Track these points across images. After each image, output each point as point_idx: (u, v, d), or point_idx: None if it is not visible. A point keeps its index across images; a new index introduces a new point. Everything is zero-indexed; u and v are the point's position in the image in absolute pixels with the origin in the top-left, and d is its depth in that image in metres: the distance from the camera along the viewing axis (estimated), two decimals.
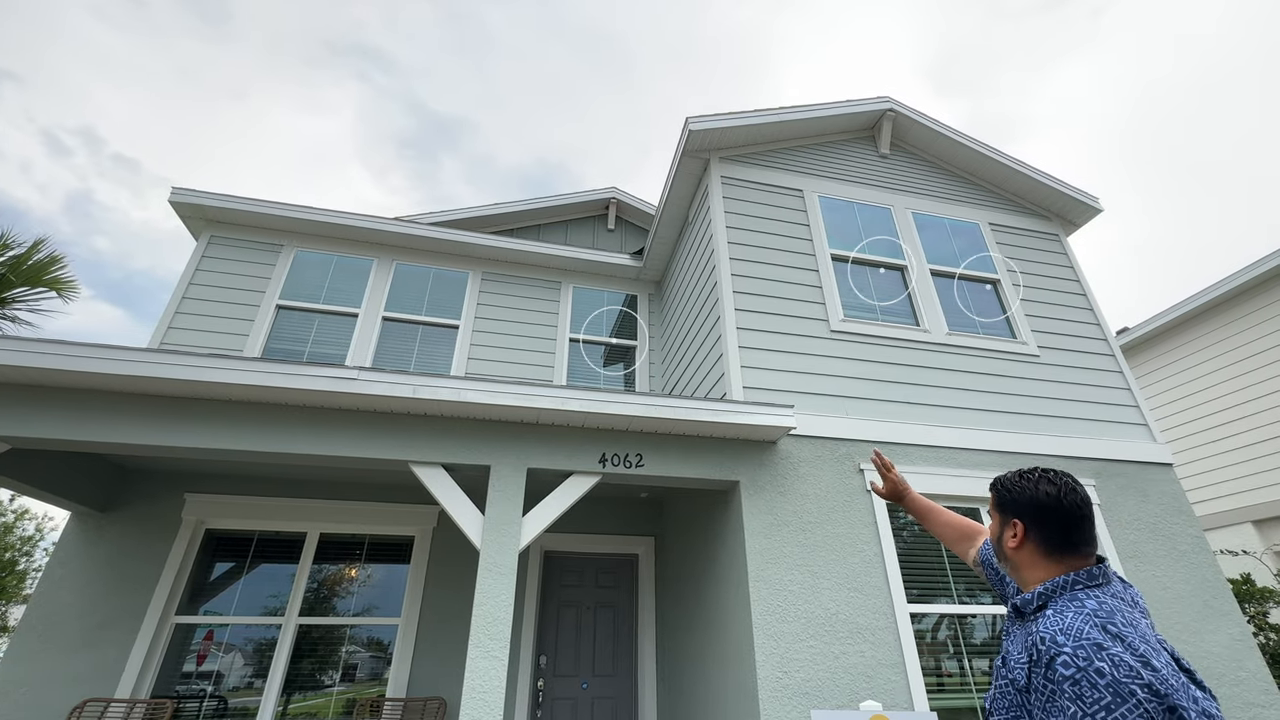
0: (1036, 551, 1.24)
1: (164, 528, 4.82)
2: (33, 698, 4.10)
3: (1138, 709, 0.93)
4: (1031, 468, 1.33)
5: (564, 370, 6.28)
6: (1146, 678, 0.96)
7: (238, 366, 3.34)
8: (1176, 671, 1.00)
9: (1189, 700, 0.95)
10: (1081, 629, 1.04)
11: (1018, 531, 1.27)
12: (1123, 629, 1.03)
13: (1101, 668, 0.98)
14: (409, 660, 4.75)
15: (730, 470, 3.96)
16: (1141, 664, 0.97)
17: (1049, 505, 1.24)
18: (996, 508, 1.34)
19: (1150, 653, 1.00)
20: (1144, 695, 0.94)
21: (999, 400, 4.84)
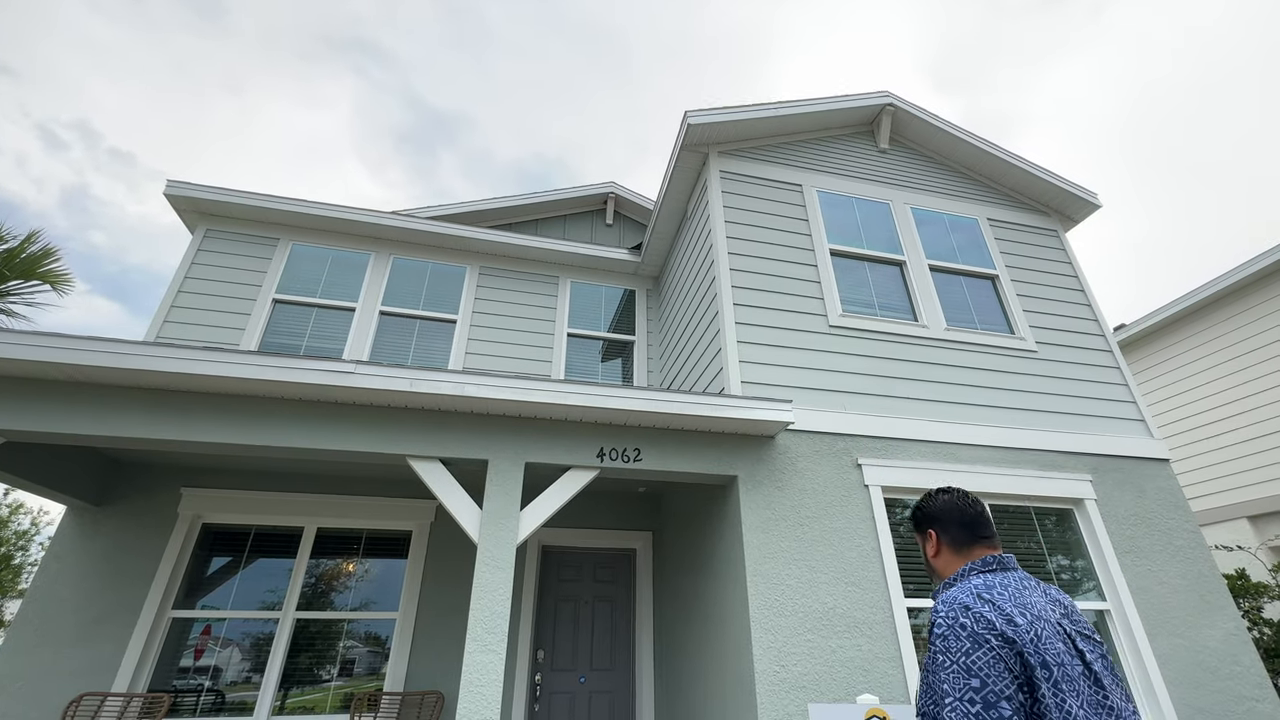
0: (948, 551, 1.48)
1: (160, 522, 4.80)
2: (29, 692, 4.09)
3: (991, 653, 1.14)
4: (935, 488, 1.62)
5: (562, 365, 6.27)
6: (1000, 627, 1.16)
7: (234, 360, 3.32)
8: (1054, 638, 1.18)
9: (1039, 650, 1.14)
10: (957, 598, 1.26)
11: (933, 539, 1.52)
12: (997, 596, 1.24)
13: (965, 623, 1.19)
14: (406, 654, 4.75)
15: (728, 465, 3.95)
16: (1004, 621, 1.18)
17: (949, 509, 1.52)
18: (915, 528, 1.60)
19: (1016, 613, 1.19)
20: (997, 643, 1.15)
21: (997, 395, 4.84)
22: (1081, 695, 1.14)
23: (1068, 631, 1.25)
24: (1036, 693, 1.12)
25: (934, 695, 1.18)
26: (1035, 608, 1.24)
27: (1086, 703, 1.13)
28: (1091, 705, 1.14)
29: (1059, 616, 1.27)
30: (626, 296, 7.01)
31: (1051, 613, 1.26)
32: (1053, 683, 1.12)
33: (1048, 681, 1.12)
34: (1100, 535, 4.39)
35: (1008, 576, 1.33)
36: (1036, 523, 4.50)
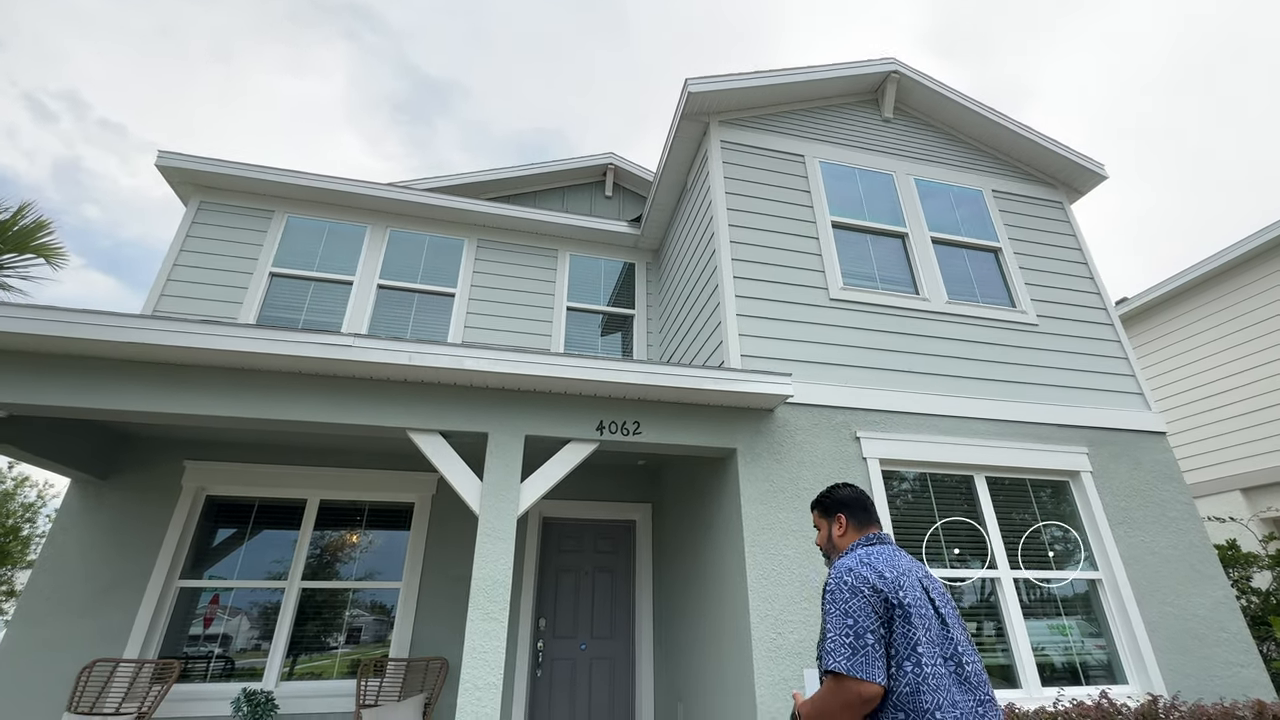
0: (852, 530, 1.89)
1: (164, 494, 4.85)
2: (44, 658, 4.18)
3: (863, 600, 1.53)
4: (833, 484, 2.05)
5: (561, 339, 6.26)
6: (873, 582, 1.56)
7: (232, 333, 3.31)
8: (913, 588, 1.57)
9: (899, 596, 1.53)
10: (844, 564, 1.65)
11: (842, 521, 1.91)
12: (874, 561, 1.63)
13: (845, 579, 1.58)
14: (411, 622, 4.85)
15: (727, 438, 3.98)
16: (876, 576, 1.57)
17: (856, 498, 1.95)
18: (824, 515, 1.98)
19: (886, 570, 1.59)
20: (868, 592, 1.54)
21: (996, 369, 4.84)
22: (930, 630, 1.54)
23: (924, 585, 1.63)
24: (893, 626, 1.52)
25: (823, 635, 1.57)
26: (901, 567, 1.63)
27: (933, 636, 1.53)
28: (935, 638, 1.53)
29: (920, 575, 1.65)
30: (626, 270, 6.96)
31: (914, 571, 1.65)
32: (905, 619, 1.52)
33: (902, 618, 1.52)
34: (1095, 507, 4.44)
35: (883, 548, 1.73)
36: (1032, 494, 4.54)
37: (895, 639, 1.50)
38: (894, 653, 1.48)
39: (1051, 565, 4.34)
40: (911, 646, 1.48)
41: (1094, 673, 4.08)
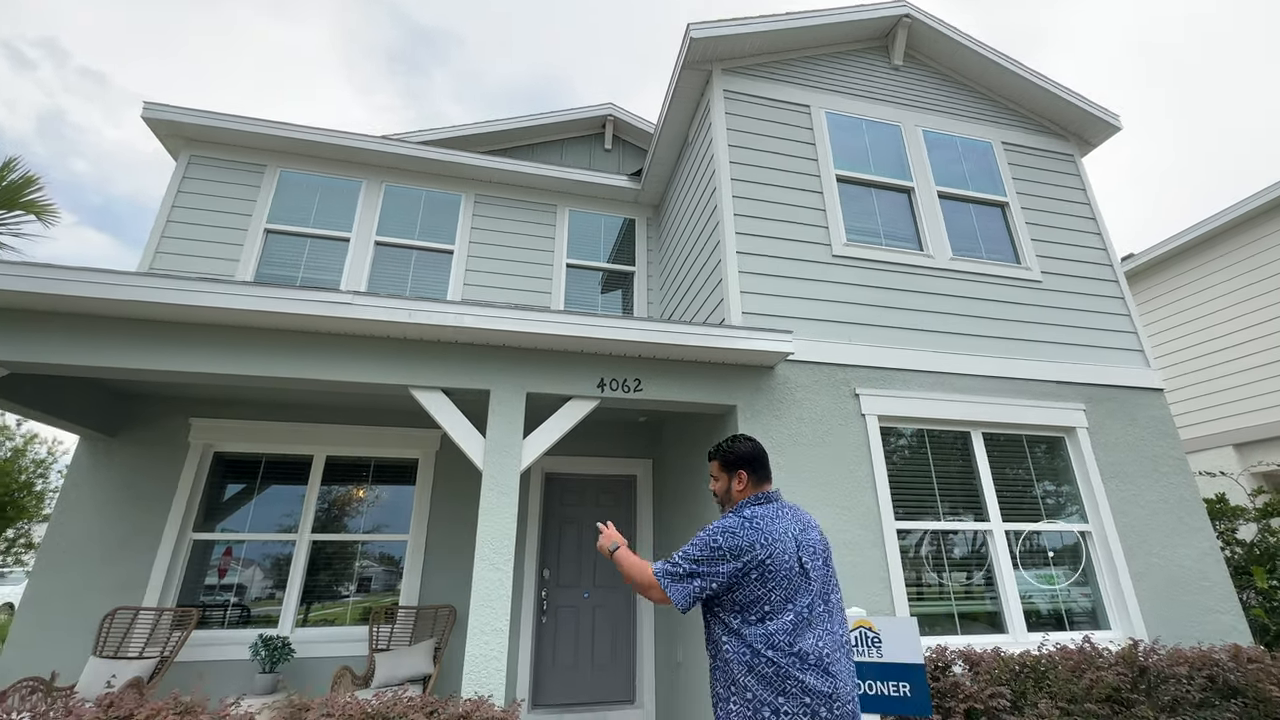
0: (749, 485, 1.99)
1: (172, 451, 4.93)
2: (66, 607, 4.34)
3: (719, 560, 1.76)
4: (733, 436, 2.11)
5: (561, 296, 6.22)
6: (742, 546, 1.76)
7: (229, 290, 3.29)
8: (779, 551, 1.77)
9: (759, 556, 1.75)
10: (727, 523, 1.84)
11: (743, 478, 1.99)
12: (755, 523, 1.82)
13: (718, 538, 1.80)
14: (419, 572, 5.01)
15: (727, 395, 4.00)
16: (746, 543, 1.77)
17: (757, 453, 2.03)
18: (724, 468, 2.04)
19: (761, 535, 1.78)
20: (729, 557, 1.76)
21: (998, 326, 4.83)
22: (788, 583, 1.75)
23: (798, 543, 1.83)
24: (747, 577, 1.74)
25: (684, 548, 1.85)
26: (778, 530, 1.82)
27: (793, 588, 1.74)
28: (797, 591, 1.74)
29: (796, 533, 1.85)
30: (626, 226, 6.85)
31: (790, 531, 1.84)
32: (762, 576, 1.74)
33: (759, 576, 1.74)
34: (1089, 462, 4.51)
35: (770, 508, 1.90)
36: (1027, 450, 4.61)
37: (747, 590, 1.74)
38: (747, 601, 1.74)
39: (1043, 518, 4.44)
40: (763, 598, 1.73)
41: (1079, 619, 4.23)
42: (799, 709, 1.61)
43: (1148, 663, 3.33)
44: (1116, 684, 3.11)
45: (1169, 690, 3.17)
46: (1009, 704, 2.91)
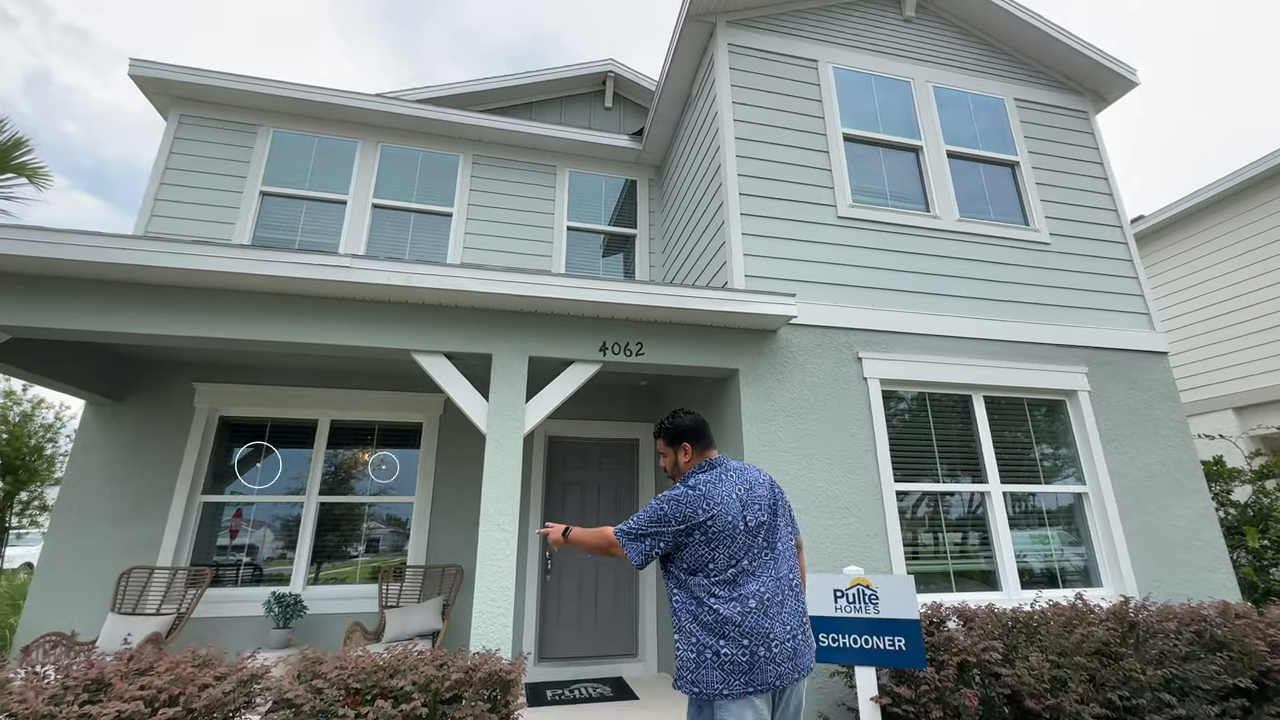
0: (694, 455, 2.12)
1: (178, 415, 4.97)
2: (82, 566, 4.45)
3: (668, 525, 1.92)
4: (673, 411, 2.24)
5: (562, 259, 6.15)
6: (686, 513, 1.90)
7: (226, 254, 3.25)
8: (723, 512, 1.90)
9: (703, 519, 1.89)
10: (674, 493, 1.98)
11: (687, 450, 2.12)
12: (699, 489, 1.96)
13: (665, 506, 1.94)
14: (426, 533, 5.11)
15: (730, 358, 4.00)
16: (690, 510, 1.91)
17: (698, 426, 2.16)
18: (669, 443, 2.17)
19: (704, 499, 1.92)
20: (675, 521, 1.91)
21: (1004, 289, 4.79)
22: (736, 542, 1.89)
23: (742, 503, 1.95)
24: (691, 536, 1.90)
25: (639, 513, 1.99)
26: (719, 493, 1.95)
27: (736, 545, 1.88)
28: (740, 547, 1.89)
29: (742, 493, 1.97)
30: (627, 187, 6.73)
31: (734, 493, 1.96)
32: (705, 536, 1.89)
33: (702, 535, 1.89)
34: (1088, 425, 4.53)
35: (714, 473, 2.03)
36: (1028, 413, 4.63)
37: (692, 550, 1.90)
38: (691, 558, 1.90)
39: (1040, 480, 4.49)
40: (708, 557, 1.88)
41: (1072, 578, 4.32)
42: (738, 650, 1.78)
43: (1138, 618, 3.41)
44: (1106, 638, 3.20)
45: (1157, 644, 3.26)
46: (1001, 657, 3.00)
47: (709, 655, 1.79)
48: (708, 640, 1.80)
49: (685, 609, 1.88)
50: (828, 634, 2.86)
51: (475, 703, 2.50)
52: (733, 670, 1.77)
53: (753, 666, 1.77)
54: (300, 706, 2.38)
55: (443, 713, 2.47)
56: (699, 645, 1.81)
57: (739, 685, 1.76)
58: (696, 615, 1.84)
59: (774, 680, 1.78)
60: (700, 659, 1.80)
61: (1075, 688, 2.95)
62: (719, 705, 1.78)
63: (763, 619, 1.82)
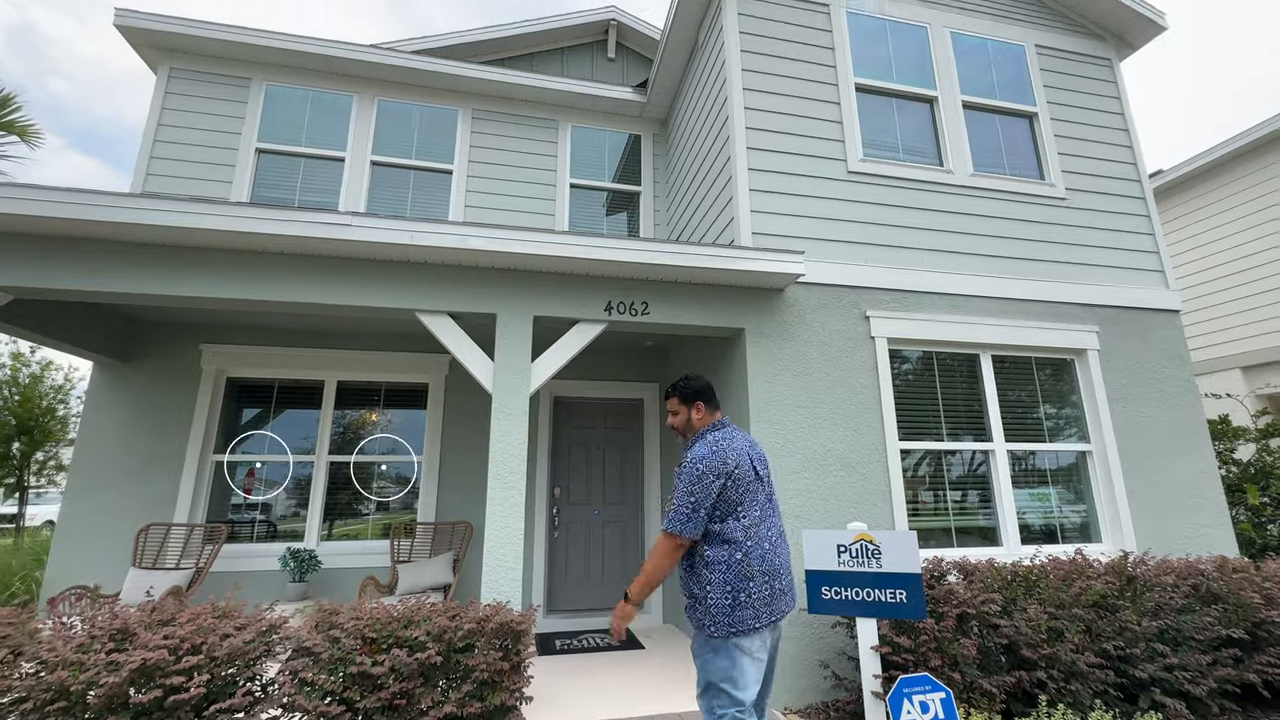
0: (705, 414, 2.33)
1: (186, 376, 4.99)
2: (101, 524, 4.56)
3: (708, 481, 2.08)
4: (684, 375, 2.45)
5: (565, 218, 6.05)
6: (718, 466, 2.10)
7: (225, 212, 3.20)
8: (742, 462, 2.15)
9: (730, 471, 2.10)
10: (699, 451, 2.17)
11: (701, 409, 2.33)
12: (721, 444, 2.16)
13: (698, 465, 2.11)
14: (435, 491, 5.20)
15: (736, 318, 3.96)
16: (720, 461, 2.11)
17: (707, 388, 2.37)
18: (683, 402, 2.36)
19: (729, 453, 2.14)
20: (712, 476, 2.09)
21: (1016, 246, 4.69)
22: (749, 489, 2.14)
23: (750, 457, 2.21)
24: (725, 489, 2.09)
25: (674, 492, 2.15)
26: (736, 447, 2.19)
27: (752, 494, 2.14)
28: (753, 495, 2.14)
29: (747, 449, 2.23)
30: (631, 142, 6.55)
31: (744, 448, 2.21)
32: (734, 485, 2.10)
33: (731, 485, 2.10)
34: (1096, 384, 4.51)
35: (726, 431, 2.26)
36: (1035, 372, 4.60)
37: (725, 496, 2.10)
38: (724, 506, 2.10)
39: (1045, 439, 4.50)
40: (737, 501, 2.10)
41: (1072, 535, 4.38)
42: (762, 587, 2.04)
43: (1136, 572, 3.47)
44: (1104, 591, 3.26)
45: (1153, 597, 3.32)
46: (1000, 609, 3.06)
47: (742, 597, 2.00)
48: (740, 584, 2.02)
49: (718, 560, 2.05)
50: (830, 587, 2.92)
51: (487, 651, 2.58)
52: (760, 606, 2.01)
53: (771, 600, 2.05)
54: (319, 655, 2.46)
55: (456, 661, 2.55)
56: (734, 590, 2.01)
57: (765, 618, 2.02)
58: (729, 563, 2.04)
59: (784, 610, 2.09)
60: (735, 601, 2.00)
61: (1071, 638, 3.02)
62: (742, 639, 2.00)
63: (774, 558, 2.11)
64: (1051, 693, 2.91)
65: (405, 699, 2.41)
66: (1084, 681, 2.98)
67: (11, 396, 8.27)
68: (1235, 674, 3.19)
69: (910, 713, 2.27)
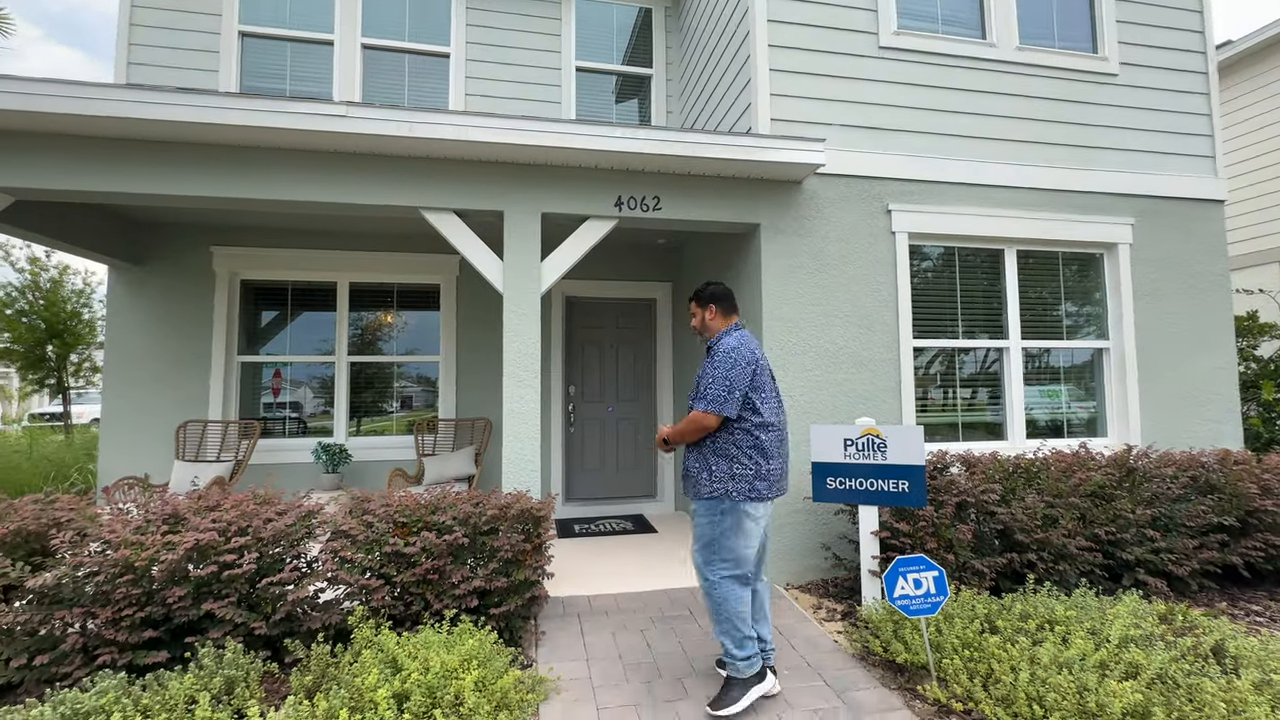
0: (719, 317, 2.56)
1: (200, 279, 5.02)
2: (141, 421, 4.80)
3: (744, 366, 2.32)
4: (706, 281, 2.71)
5: (572, 106, 5.68)
6: (748, 355, 2.35)
7: (211, 103, 3.02)
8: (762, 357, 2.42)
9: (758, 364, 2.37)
10: (730, 341, 2.41)
11: (714, 311, 2.56)
12: (744, 339, 2.42)
13: (735, 353, 2.35)
14: (454, 390, 5.36)
15: (751, 212, 3.81)
16: (749, 351, 2.36)
17: (726, 293, 2.59)
18: (700, 304, 2.60)
19: (753, 346, 2.41)
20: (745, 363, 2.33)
21: (1057, 131, 4.35)
22: (767, 381, 2.41)
23: (762, 355, 2.45)
24: (754, 380, 2.35)
25: (700, 382, 2.39)
26: (754, 343, 2.45)
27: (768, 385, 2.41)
28: (770, 386, 2.42)
29: (758, 346, 2.46)
30: (642, 19, 5.99)
31: (757, 345, 2.45)
32: (760, 374, 2.38)
33: (759, 374, 2.37)
34: (1124, 280, 4.37)
35: (745, 332, 2.50)
36: (1061, 267, 4.45)
37: (755, 382, 2.36)
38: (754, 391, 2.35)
39: (1062, 336, 4.44)
40: (762, 388, 2.37)
41: (1079, 430, 4.45)
42: (776, 465, 2.36)
43: (1137, 464, 3.55)
44: (1103, 481, 3.36)
45: (1151, 488, 3.42)
46: (998, 498, 3.19)
47: (763, 470, 2.32)
48: (760, 460, 2.32)
49: (748, 439, 2.34)
50: (835, 478, 3.04)
51: (510, 534, 2.77)
52: (771, 480, 2.34)
53: (781, 477, 2.39)
54: (355, 537, 2.67)
55: (482, 543, 2.75)
56: (755, 463, 2.32)
57: (774, 492, 2.36)
58: (757, 443, 2.33)
59: (783, 490, 2.41)
60: (756, 473, 2.31)
61: (1065, 524, 3.16)
62: (753, 506, 2.32)
63: (783, 444, 2.43)
64: (1040, 572, 3.09)
65: (438, 574, 2.63)
66: (1072, 562, 3.16)
67: (36, 301, 8.42)
68: (1220, 556, 3.35)
69: (904, 588, 2.44)
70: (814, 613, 3.22)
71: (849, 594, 3.41)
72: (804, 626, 3.03)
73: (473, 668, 2.14)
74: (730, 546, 2.28)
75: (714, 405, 2.31)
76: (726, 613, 2.25)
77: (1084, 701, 1.95)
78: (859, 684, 2.45)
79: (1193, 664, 2.20)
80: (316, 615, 2.54)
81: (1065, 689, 1.99)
